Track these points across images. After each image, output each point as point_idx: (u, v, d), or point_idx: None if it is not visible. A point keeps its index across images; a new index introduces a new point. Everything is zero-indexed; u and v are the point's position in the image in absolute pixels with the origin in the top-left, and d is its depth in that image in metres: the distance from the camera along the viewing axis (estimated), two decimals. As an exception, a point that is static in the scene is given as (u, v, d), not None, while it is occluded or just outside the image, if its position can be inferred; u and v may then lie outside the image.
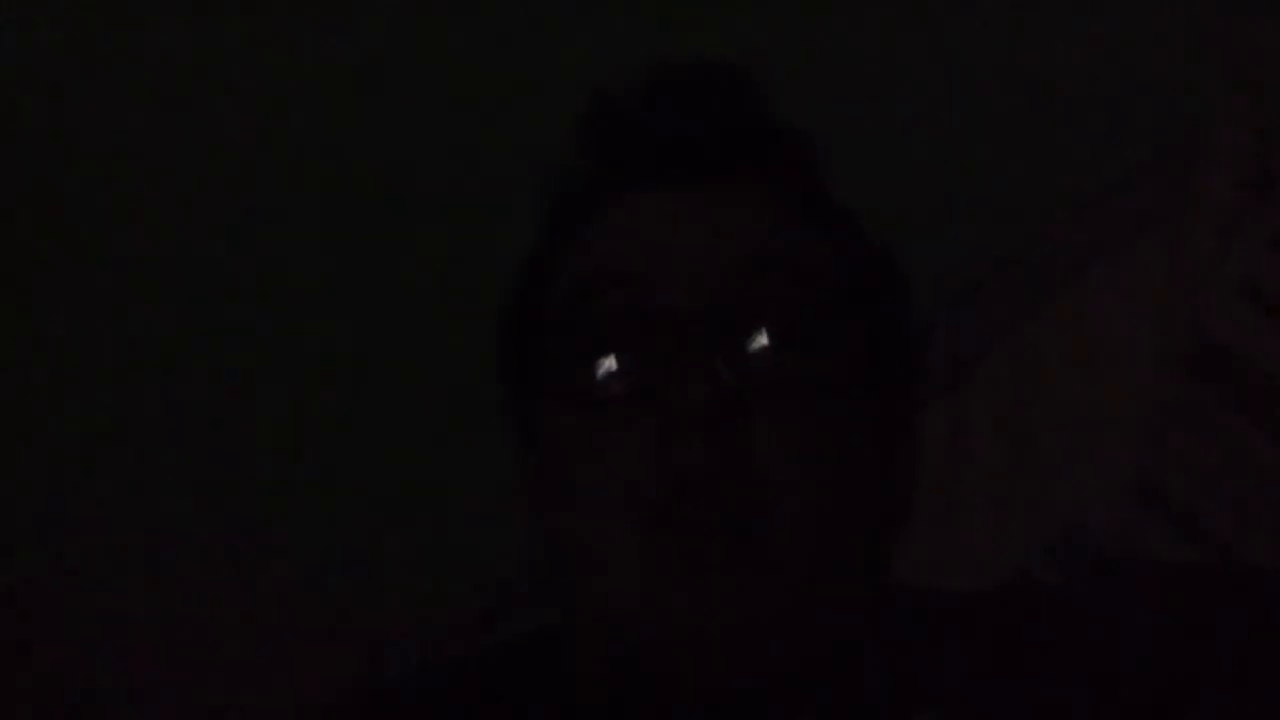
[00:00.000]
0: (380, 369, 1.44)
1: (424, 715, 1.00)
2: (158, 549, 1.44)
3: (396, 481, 1.42)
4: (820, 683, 0.94)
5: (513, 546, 1.06)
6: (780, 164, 1.02)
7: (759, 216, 0.98)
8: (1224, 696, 0.93)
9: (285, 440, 1.45)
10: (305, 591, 1.39)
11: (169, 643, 1.40)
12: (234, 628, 1.37)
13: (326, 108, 1.47)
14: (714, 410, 0.89)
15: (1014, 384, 1.20)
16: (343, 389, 1.45)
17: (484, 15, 1.46)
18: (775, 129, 1.03)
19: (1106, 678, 0.94)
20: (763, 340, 0.93)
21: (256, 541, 1.43)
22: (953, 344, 1.23)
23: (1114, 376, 1.18)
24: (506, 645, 1.06)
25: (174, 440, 1.46)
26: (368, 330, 1.45)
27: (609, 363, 0.93)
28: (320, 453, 1.44)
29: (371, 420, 1.44)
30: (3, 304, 1.49)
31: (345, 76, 1.47)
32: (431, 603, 1.33)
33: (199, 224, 1.49)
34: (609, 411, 0.93)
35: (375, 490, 1.43)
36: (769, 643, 0.91)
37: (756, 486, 0.90)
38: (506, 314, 1.02)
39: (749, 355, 0.92)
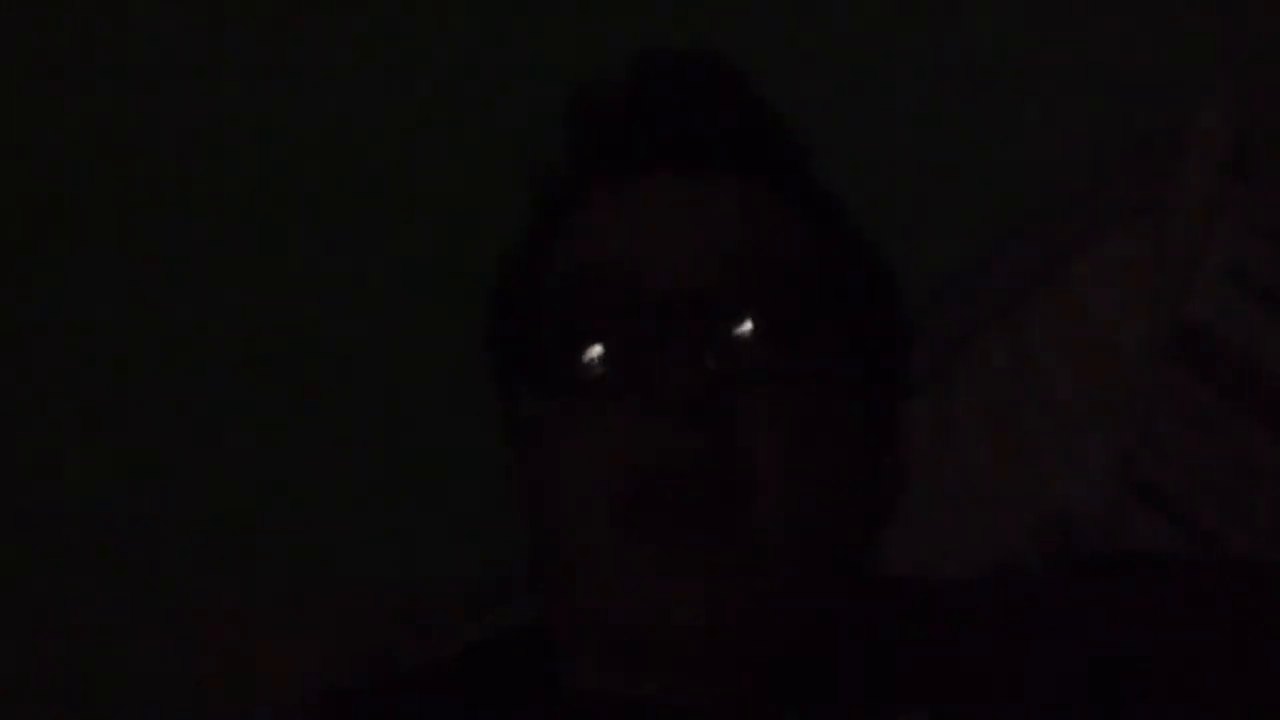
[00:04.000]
0: (377, 360, 1.44)
1: (411, 714, 1.00)
2: (153, 545, 1.44)
3: (392, 473, 1.42)
4: (806, 673, 0.94)
5: (508, 538, 1.06)
6: (768, 154, 1.02)
7: (747, 206, 0.99)
8: (1212, 685, 0.93)
9: (281, 432, 1.45)
10: (299, 585, 1.39)
11: (164, 638, 1.40)
12: (227, 623, 1.37)
13: (320, 99, 1.47)
14: (697, 395, 0.90)
15: (1000, 373, 1.20)
16: (339, 380, 1.45)
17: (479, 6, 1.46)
18: (763, 119, 1.04)
19: (1095, 667, 0.94)
20: (749, 328, 0.93)
21: (251, 536, 1.43)
22: (939, 334, 1.23)
23: (1100, 364, 1.18)
24: (495, 640, 1.06)
25: (169, 436, 1.46)
26: (364, 321, 1.45)
27: (595, 350, 0.94)
28: (315, 444, 1.44)
29: (368, 411, 1.44)
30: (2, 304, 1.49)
31: (341, 68, 1.47)
32: (426, 594, 1.33)
33: (194, 222, 1.49)
34: (593, 397, 0.93)
35: (370, 482, 1.43)
36: (752, 633, 0.92)
37: (738, 473, 0.91)
38: (494, 302, 1.03)
39: (735, 343, 0.93)
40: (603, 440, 0.91)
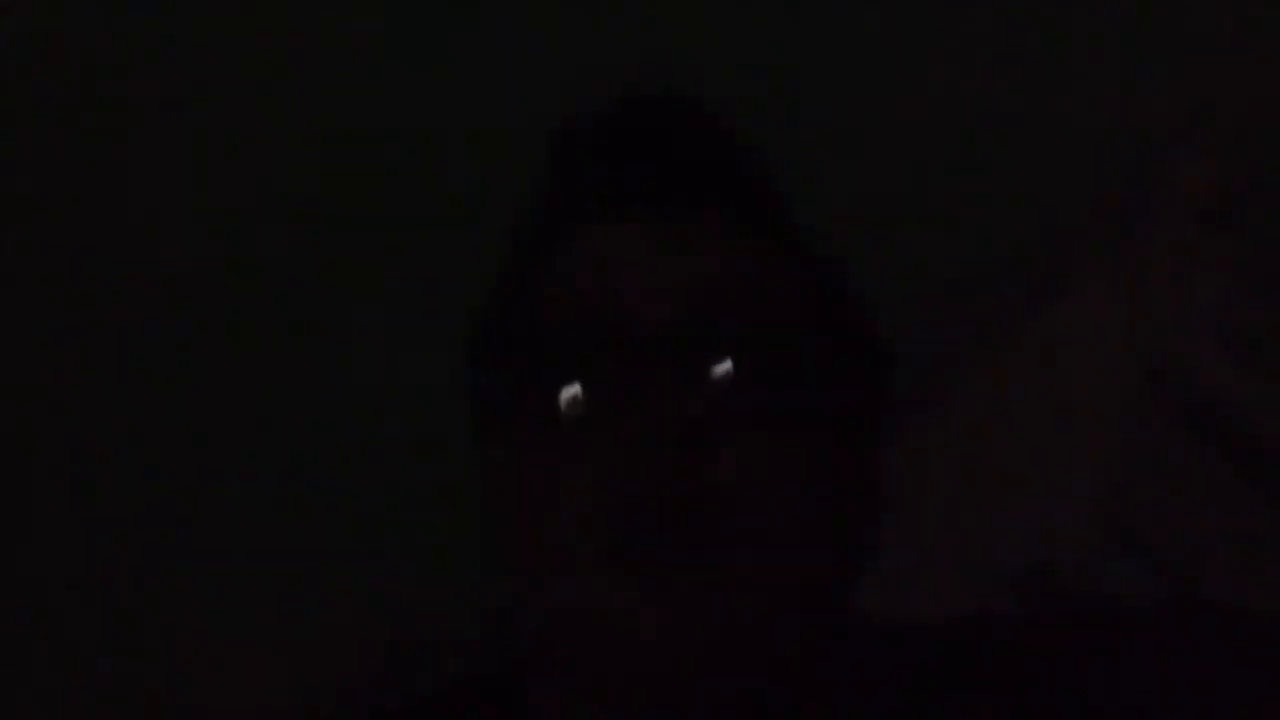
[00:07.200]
0: (378, 372, 1.45)
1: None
2: (150, 552, 1.44)
3: (391, 485, 1.42)
4: (779, 710, 0.94)
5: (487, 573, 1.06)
6: (748, 193, 1.02)
7: (727, 244, 0.99)
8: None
9: (280, 443, 1.45)
10: (300, 596, 1.39)
11: (163, 646, 1.40)
12: (227, 632, 1.38)
13: (322, 108, 1.48)
14: (676, 434, 0.90)
15: (977, 415, 1.20)
16: (341, 393, 1.45)
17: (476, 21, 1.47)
18: (743, 158, 1.04)
19: (1066, 712, 0.94)
20: (727, 367, 0.94)
21: (251, 546, 1.43)
22: (918, 377, 1.23)
23: (1076, 408, 1.18)
24: (468, 681, 1.06)
25: (166, 442, 1.47)
26: (364, 331, 1.45)
27: (574, 388, 0.94)
28: (316, 456, 1.44)
29: (369, 424, 1.44)
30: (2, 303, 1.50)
31: (340, 76, 1.48)
32: (404, 631, 1.33)
33: (193, 221, 1.49)
34: (573, 435, 0.93)
35: (371, 495, 1.43)
36: (728, 670, 0.92)
37: (716, 510, 0.91)
38: (472, 338, 1.03)
39: (712, 381, 0.93)
40: (581, 480, 0.91)
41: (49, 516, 1.45)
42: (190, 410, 1.46)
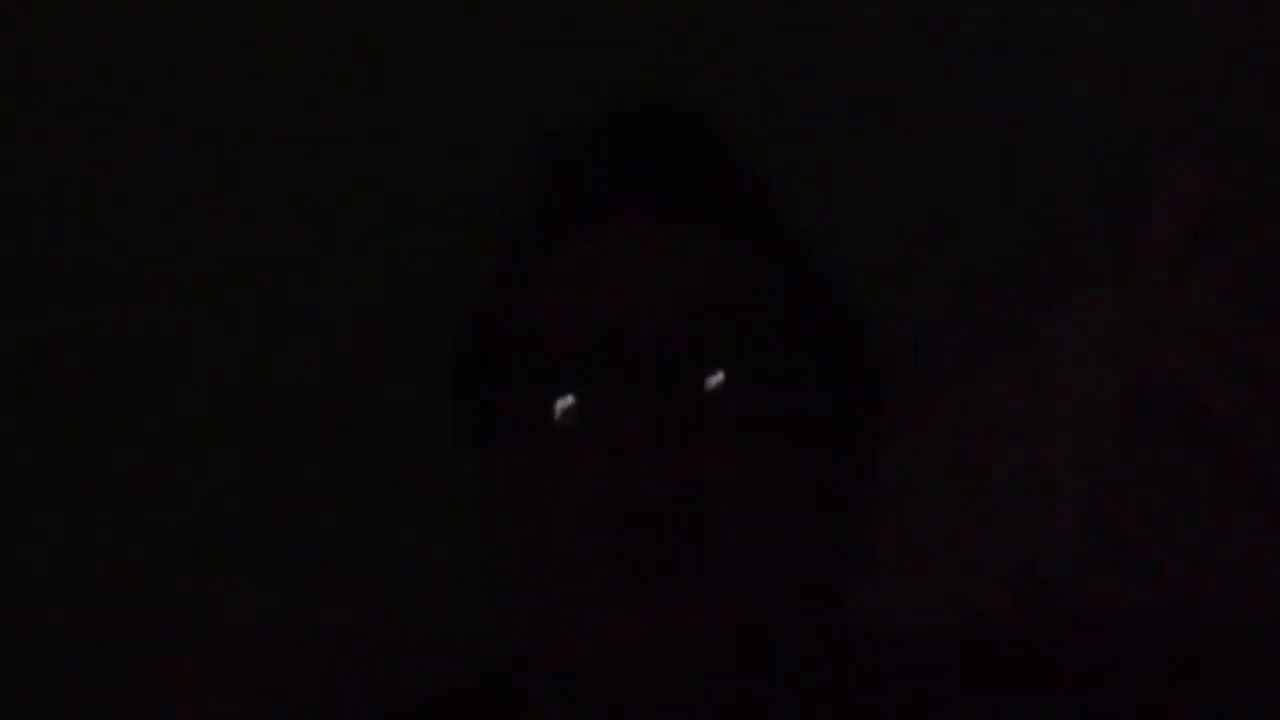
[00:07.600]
0: (378, 373, 1.45)
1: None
2: (148, 552, 1.44)
3: (390, 487, 1.42)
4: (775, 715, 0.94)
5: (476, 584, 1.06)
6: (742, 204, 1.02)
7: (721, 256, 0.99)
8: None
9: (279, 444, 1.45)
10: (299, 597, 1.39)
11: (161, 647, 1.41)
12: (226, 632, 1.38)
13: (321, 108, 1.48)
14: (665, 443, 0.90)
15: (969, 423, 1.20)
16: (340, 396, 1.45)
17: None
18: (738, 169, 1.04)
19: (1061, 716, 0.94)
20: (718, 377, 0.94)
21: (250, 546, 1.43)
22: (910, 385, 1.23)
23: (1066, 416, 1.18)
24: (458, 689, 1.06)
25: (164, 441, 1.47)
26: (362, 335, 1.46)
27: (565, 398, 0.94)
28: (315, 458, 1.44)
29: (368, 426, 1.44)
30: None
31: (339, 78, 1.48)
32: (389, 637, 1.34)
33: (191, 221, 1.49)
34: (563, 445, 0.93)
35: (369, 497, 1.43)
36: (719, 678, 0.92)
37: (705, 519, 0.91)
38: (463, 347, 1.03)
39: (703, 392, 0.93)
40: (571, 488, 0.91)
41: (49, 516, 1.45)
42: (188, 409, 1.46)
